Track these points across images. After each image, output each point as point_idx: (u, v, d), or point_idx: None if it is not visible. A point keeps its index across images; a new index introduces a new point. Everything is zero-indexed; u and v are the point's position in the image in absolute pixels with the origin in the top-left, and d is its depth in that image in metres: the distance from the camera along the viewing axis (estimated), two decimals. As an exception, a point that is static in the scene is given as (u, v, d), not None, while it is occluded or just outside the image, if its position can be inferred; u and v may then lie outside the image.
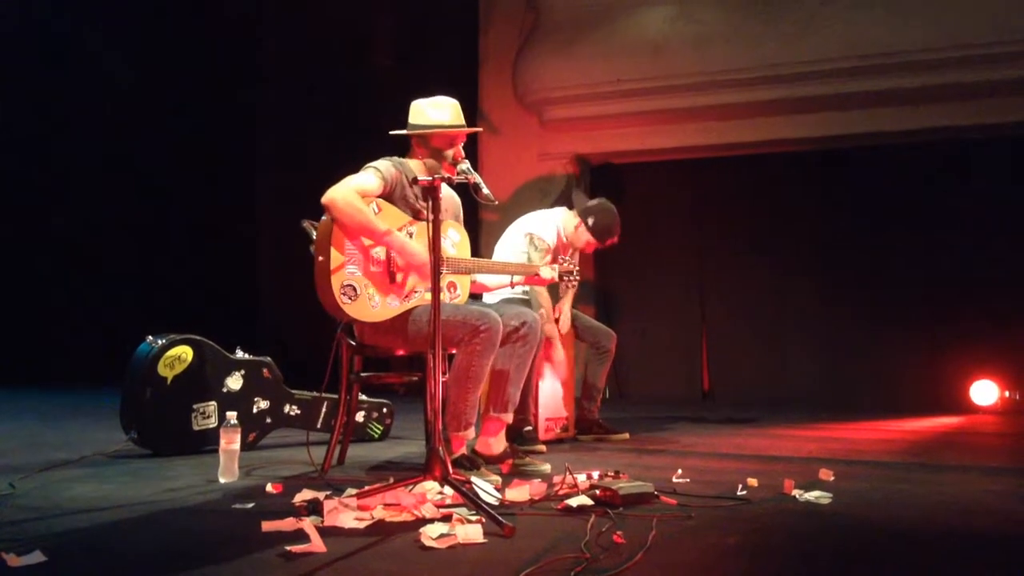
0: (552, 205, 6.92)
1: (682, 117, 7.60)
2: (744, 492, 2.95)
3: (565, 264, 3.83)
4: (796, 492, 2.92)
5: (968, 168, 7.11)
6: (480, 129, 3.66)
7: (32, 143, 7.75)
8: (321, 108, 8.73)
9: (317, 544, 2.17)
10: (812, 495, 2.88)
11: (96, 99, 8.01)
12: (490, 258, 4.39)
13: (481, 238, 7.14)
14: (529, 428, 4.29)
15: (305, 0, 8.85)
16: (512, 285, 3.82)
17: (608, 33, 7.62)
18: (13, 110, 7.54)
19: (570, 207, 4.84)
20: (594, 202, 4.71)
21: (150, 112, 8.25)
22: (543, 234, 4.51)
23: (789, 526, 2.53)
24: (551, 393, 4.60)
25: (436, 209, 2.75)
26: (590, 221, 4.58)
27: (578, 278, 3.84)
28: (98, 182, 8.16)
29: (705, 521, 2.53)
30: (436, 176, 2.80)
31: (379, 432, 4.56)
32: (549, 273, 3.69)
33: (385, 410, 4.59)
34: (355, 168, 3.37)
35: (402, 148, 3.54)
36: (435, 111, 3.43)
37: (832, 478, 3.22)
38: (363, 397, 4.41)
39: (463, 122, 3.47)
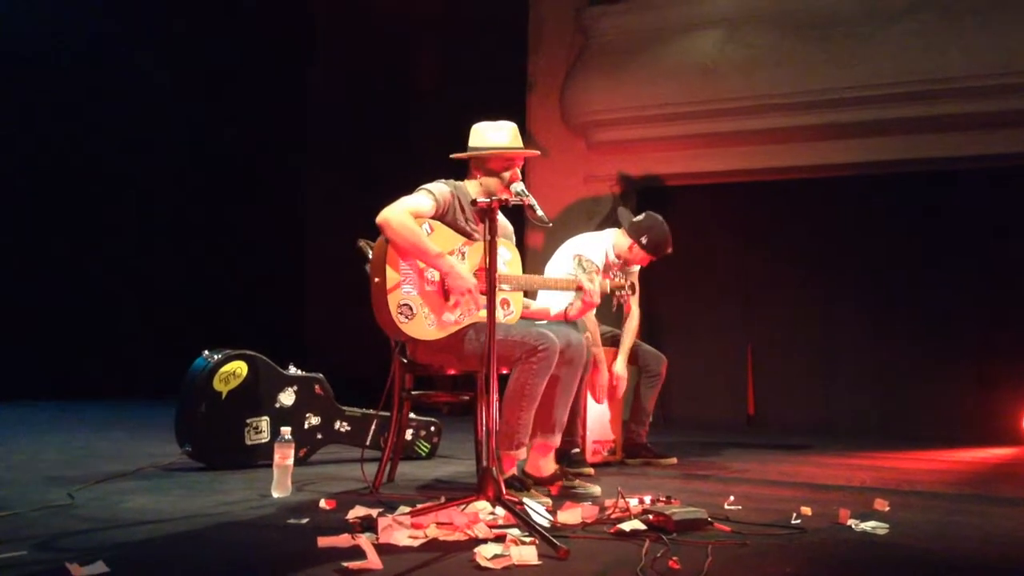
0: (599, 227, 6.95)
1: (730, 141, 7.56)
2: (799, 521, 2.91)
3: (617, 279, 3.73)
4: (852, 522, 2.87)
5: (1020, 195, 6.98)
6: (538, 152, 3.66)
7: (80, 162, 7.87)
8: (371, 131, 8.84)
9: (374, 561, 2.18)
10: (868, 525, 2.83)
11: (157, 126, 8.18)
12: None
13: (527, 260, 7.15)
14: (576, 450, 4.27)
15: (354, 26, 8.99)
16: (567, 317, 3.70)
17: (657, 56, 7.63)
18: (54, 124, 7.64)
19: (616, 224, 4.83)
20: (640, 217, 4.68)
21: (201, 135, 8.42)
22: (592, 255, 4.50)
23: (846, 556, 2.50)
24: (598, 415, 4.59)
25: (493, 231, 2.78)
26: (643, 240, 4.58)
27: (631, 292, 3.70)
28: (153, 197, 8.32)
29: (760, 549, 2.51)
30: (493, 198, 2.83)
31: (427, 450, 4.57)
32: (589, 285, 3.50)
33: (433, 428, 4.60)
34: (407, 191, 3.42)
35: (458, 171, 3.58)
36: (494, 133, 3.47)
37: (887, 508, 3.16)
38: (411, 415, 4.43)
39: (521, 144, 3.50)
